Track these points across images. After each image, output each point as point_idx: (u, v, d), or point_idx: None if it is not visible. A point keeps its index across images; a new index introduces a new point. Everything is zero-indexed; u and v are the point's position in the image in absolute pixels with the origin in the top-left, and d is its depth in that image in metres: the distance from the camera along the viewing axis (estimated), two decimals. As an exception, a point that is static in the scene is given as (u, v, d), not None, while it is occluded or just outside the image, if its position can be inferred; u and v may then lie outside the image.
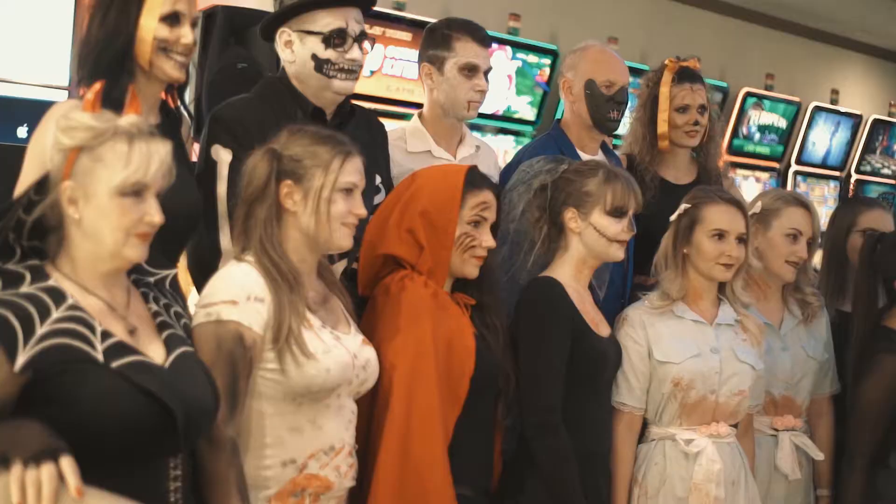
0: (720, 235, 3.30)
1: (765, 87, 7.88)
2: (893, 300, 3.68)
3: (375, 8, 3.49)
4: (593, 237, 3.17)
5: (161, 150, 2.22)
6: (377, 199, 3.21)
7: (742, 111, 7.65)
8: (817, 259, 4.05)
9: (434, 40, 3.65)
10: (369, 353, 2.74)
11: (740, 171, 7.74)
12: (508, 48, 6.37)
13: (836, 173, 8.47)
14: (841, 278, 3.96)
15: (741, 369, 3.30)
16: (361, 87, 3.99)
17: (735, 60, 7.81)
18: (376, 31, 5.68)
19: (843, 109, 8.42)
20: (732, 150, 7.71)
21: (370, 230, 3.03)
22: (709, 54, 7.51)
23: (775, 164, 7.97)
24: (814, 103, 8.13)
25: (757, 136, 7.83)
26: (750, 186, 7.81)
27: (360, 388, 2.73)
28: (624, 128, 4.22)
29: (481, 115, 6.26)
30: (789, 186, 8.02)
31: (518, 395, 3.06)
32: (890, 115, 8.88)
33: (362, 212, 2.69)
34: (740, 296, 3.38)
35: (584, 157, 3.75)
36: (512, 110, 6.52)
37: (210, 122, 3.08)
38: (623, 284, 3.80)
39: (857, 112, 8.50)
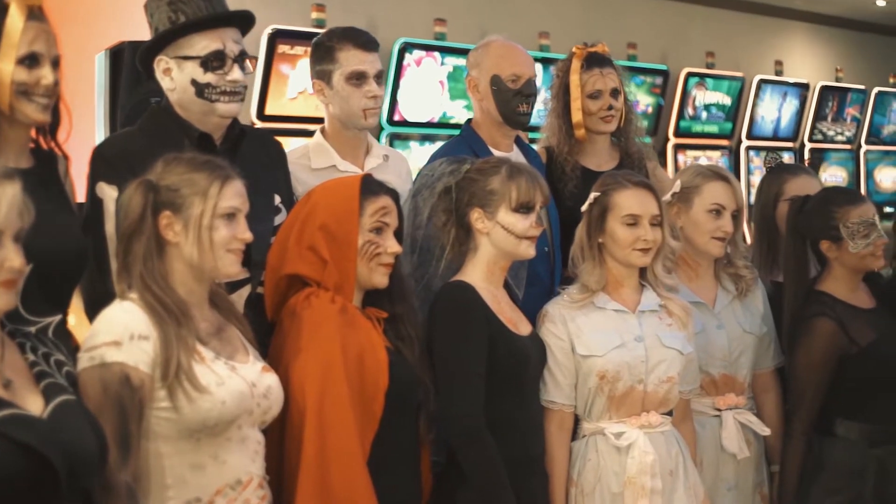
0: (633, 221, 3.22)
1: (706, 65, 7.81)
2: (822, 263, 3.60)
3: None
4: (502, 236, 3.09)
5: (8, 192, 2.13)
6: (278, 219, 3.13)
7: (685, 92, 7.59)
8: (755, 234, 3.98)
9: (319, 55, 3.57)
10: (270, 379, 2.65)
11: (690, 153, 7.68)
12: (437, 54, 6.30)
13: (790, 144, 8.41)
14: (773, 249, 3.88)
15: (668, 355, 3.22)
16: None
17: (674, 42, 7.76)
18: (298, 50, 5.61)
19: (789, 80, 8.36)
20: (680, 131, 7.64)
21: (272, 253, 2.95)
22: (647, 39, 7.49)
23: (725, 142, 7.92)
24: (758, 76, 8.07)
25: (704, 115, 7.77)
26: (702, 167, 7.72)
27: (265, 417, 2.64)
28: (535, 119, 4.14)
29: (417, 124, 6.26)
30: (742, 162, 7.95)
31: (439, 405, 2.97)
32: (837, 80, 8.82)
33: (247, 236, 2.61)
34: (663, 279, 3.30)
35: (499, 154, 3.67)
36: (448, 116, 6.45)
37: (92, 159, 3.00)
38: (550, 280, 3.72)
39: (804, 81, 8.44)
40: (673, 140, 7.58)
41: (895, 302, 3.69)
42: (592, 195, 3.28)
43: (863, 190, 8.89)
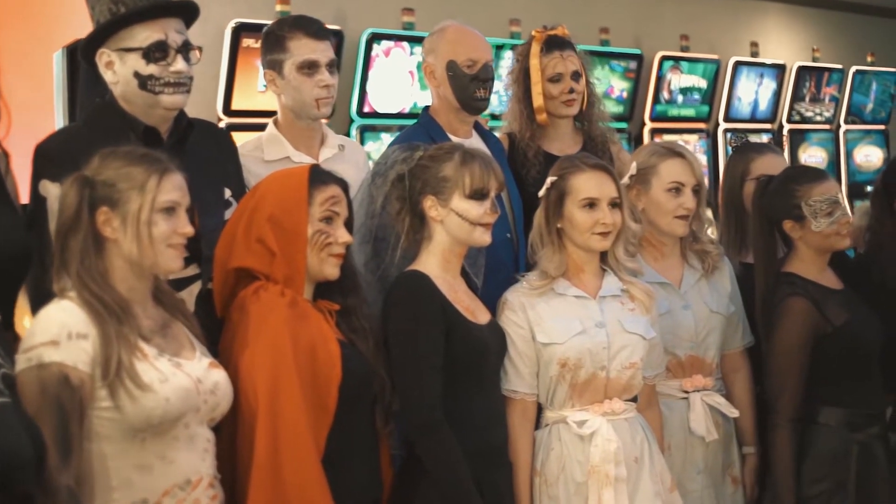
0: (591, 204, 3.16)
1: (680, 48, 7.75)
2: (788, 244, 3.54)
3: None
4: (456, 223, 3.03)
5: None
6: (229, 213, 3.07)
7: (660, 76, 7.51)
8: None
9: (270, 45, 3.51)
10: (218, 375, 2.60)
11: (667, 137, 7.57)
12: (406, 44, 6.22)
13: (768, 126, 8.34)
14: (740, 229, 3.82)
15: (630, 341, 3.16)
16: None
17: (648, 26, 7.69)
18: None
19: (765, 61, 8.30)
20: (655, 116, 7.57)
21: (219, 247, 2.89)
22: (620, 23, 7.42)
23: (703, 125, 7.84)
24: (734, 58, 8.00)
25: (679, 98, 7.69)
26: (679, 151, 7.66)
27: (214, 414, 2.59)
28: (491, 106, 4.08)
29: (387, 115, 6.19)
30: (720, 145, 7.88)
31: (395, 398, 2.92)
32: (814, 60, 8.76)
33: (188, 230, 2.55)
34: (624, 262, 3.24)
35: (458, 141, 3.61)
36: (418, 106, 6.35)
37: (35, 156, 2.94)
38: (514, 267, 3.66)
39: (781, 62, 8.37)
40: (649, 125, 7.50)
41: (862, 283, 3.64)
42: (549, 179, 3.22)
43: (843, 170, 8.83)
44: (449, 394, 2.93)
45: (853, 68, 8.92)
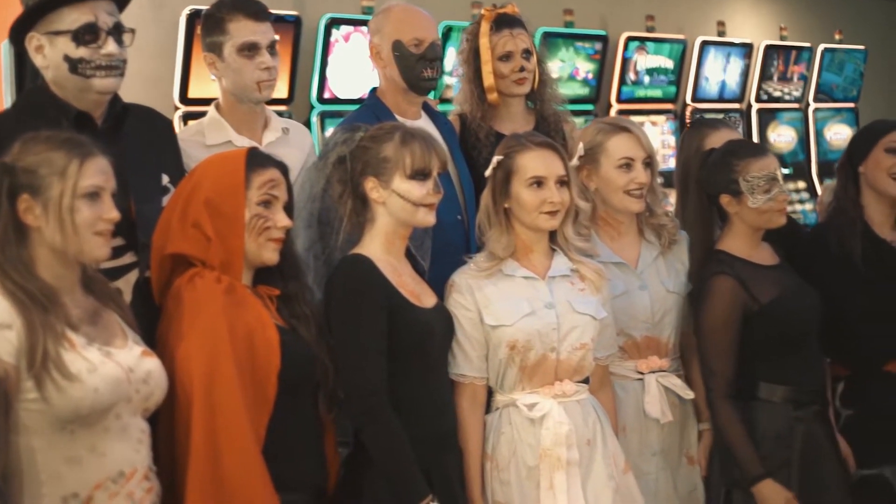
0: (538, 183, 3.09)
1: (646, 29, 7.68)
2: (724, 219, 3.49)
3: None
4: (398, 204, 2.97)
5: None
6: (166, 199, 2.99)
7: (626, 57, 7.45)
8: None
9: (209, 27, 3.44)
10: (150, 364, 2.53)
11: (635, 118, 7.49)
12: (365, 29, 6.11)
13: (736, 106, 8.28)
14: (696, 206, 3.76)
15: (581, 321, 3.10)
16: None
17: (612, 7, 7.62)
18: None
19: (732, 40, 8.24)
20: (622, 97, 7.51)
21: (157, 233, 2.82)
22: (584, 4, 7.35)
23: (670, 106, 7.78)
24: (701, 38, 7.93)
25: (646, 79, 7.62)
26: (647, 132, 7.59)
27: (147, 404, 2.52)
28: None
29: (348, 101, 6.11)
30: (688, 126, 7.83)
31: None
32: (782, 38, 8.70)
33: (112, 215, 2.47)
34: (574, 242, 3.18)
35: (407, 123, 3.54)
36: (380, 91, 6.30)
37: None
38: (466, 249, 3.60)
39: (748, 41, 8.31)
40: (616, 106, 7.44)
41: (816, 254, 3.60)
42: (495, 159, 3.16)
43: (813, 149, 8.78)
44: (394, 379, 2.88)
45: (821, 46, 8.87)
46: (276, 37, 3.46)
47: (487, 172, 3.17)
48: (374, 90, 3.79)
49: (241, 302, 2.72)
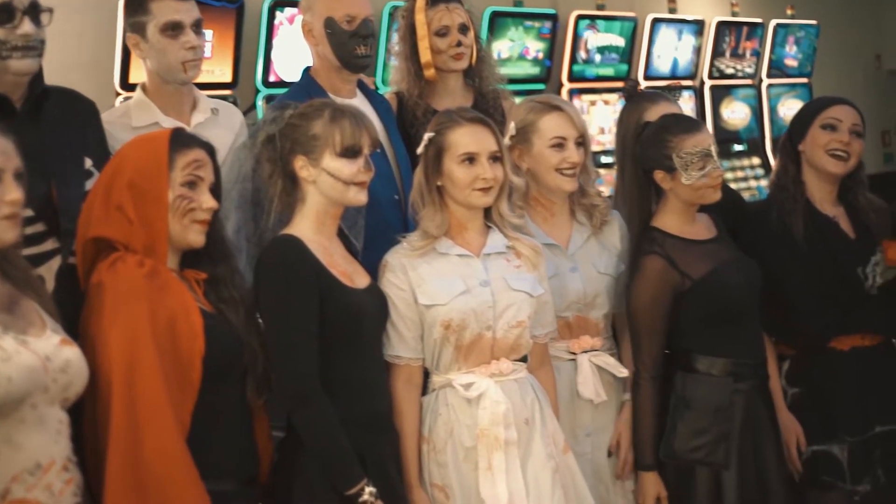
0: (470, 159, 3.04)
1: (596, 7, 7.64)
2: (660, 194, 3.45)
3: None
4: (328, 183, 2.90)
5: None
6: (89, 183, 2.92)
7: (577, 36, 7.39)
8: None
9: (132, 7, 3.36)
10: (70, 353, 2.45)
11: (586, 97, 7.50)
12: (309, 10, 6.07)
13: (689, 83, 8.24)
14: (634, 182, 3.71)
15: (517, 298, 3.05)
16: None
17: (563, -15, 7.58)
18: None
19: (683, 17, 8.20)
20: (574, 76, 7.45)
21: (81, 218, 2.75)
22: (535, -17, 7.30)
23: (622, 84, 7.70)
24: (651, 15, 7.88)
25: (597, 58, 7.56)
26: (600, 111, 7.57)
27: (67, 394, 2.44)
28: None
29: (293, 84, 6.04)
30: (641, 104, 7.78)
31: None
32: (733, 14, 8.67)
33: (12, 196, 2.37)
34: (509, 218, 3.13)
35: (341, 102, 3.47)
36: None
37: None
38: (403, 229, 3.53)
39: (699, 18, 8.27)
40: (567, 85, 7.38)
41: (760, 228, 3.57)
42: (426, 136, 3.11)
43: (767, 125, 8.76)
44: (326, 362, 2.81)
45: (773, 22, 8.85)
46: (199, 16, 3.37)
47: (419, 150, 3.11)
48: (307, 69, 3.72)
49: (164, 286, 2.65)
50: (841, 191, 3.67)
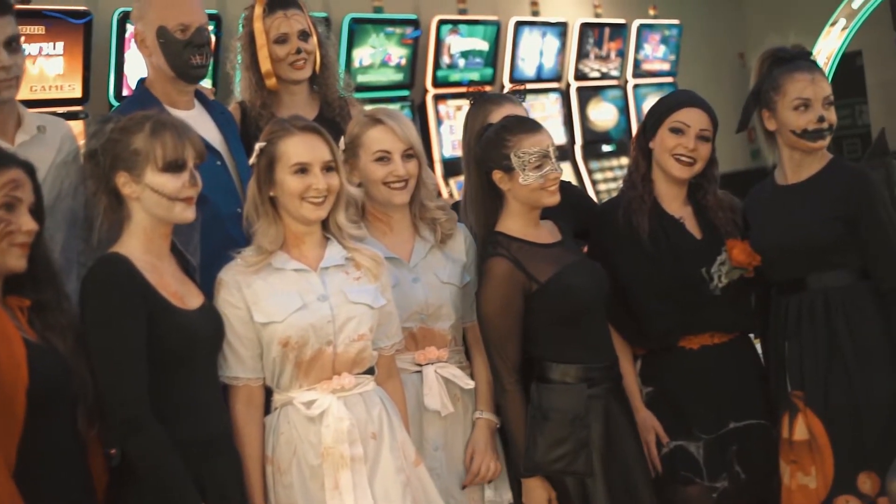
0: (303, 169, 2.95)
1: (458, 11, 7.62)
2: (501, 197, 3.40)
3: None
4: (153, 199, 2.80)
5: None
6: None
7: (439, 40, 7.36)
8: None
9: None
10: None
11: (451, 102, 7.46)
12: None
13: (555, 85, 8.28)
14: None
15: (357, 312, 2.98)
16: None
17: (423, -10, 7.53)
18: None
19: (546, 20, 8.22)
20: (437, 82, 7.42)
21: None
22: (394, -11, 7.24)
23: (488, 88, 7.71)
24: (514, 18, 7.89)
25: (461, 62, 7.55)
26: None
27: None
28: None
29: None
30: (506, 107, 7.77)
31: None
32: (597, 16, 8.74)
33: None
34: (347, 229, 3.05)
35: (178, 113, 3.35)
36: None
37: None
38: (248, 243, 3.42)
39: (562, 20, 8.31)
40: (432, 91, 7.34)
41: (601, 233, 3.56)
42: (258, 146, 3.01)
43: (635, 125, 8.82)
44: (157, 386, 2.71)
45: (636, 22, 8.93)
46: (14, 32, 3.14)
47: (251, 160, 3.02)
48: (142, 80, 3.59)
49: (-20, 315, 2.52)
50: (691, 189, 3.65)
